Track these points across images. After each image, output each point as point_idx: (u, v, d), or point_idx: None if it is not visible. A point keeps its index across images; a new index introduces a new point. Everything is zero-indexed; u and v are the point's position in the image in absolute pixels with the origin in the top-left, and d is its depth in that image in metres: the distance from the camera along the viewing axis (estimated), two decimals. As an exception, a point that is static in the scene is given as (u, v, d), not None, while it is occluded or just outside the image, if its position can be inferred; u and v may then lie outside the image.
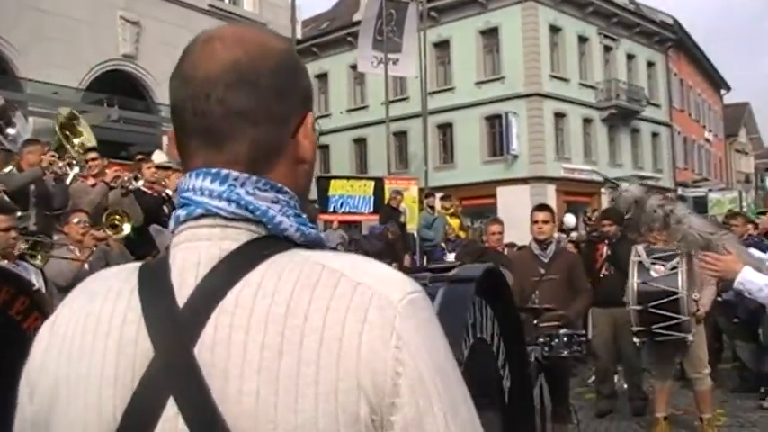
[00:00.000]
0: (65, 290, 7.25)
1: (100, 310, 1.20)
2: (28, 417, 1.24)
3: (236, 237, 1.19)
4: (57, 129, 11.80)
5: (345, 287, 1.11)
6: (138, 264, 1.29)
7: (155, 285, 1.19)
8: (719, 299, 10.26)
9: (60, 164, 9.64)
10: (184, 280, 1.17)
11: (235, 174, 1.20)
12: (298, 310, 1.09)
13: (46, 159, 9.03)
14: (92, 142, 11.19)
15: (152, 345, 1.13)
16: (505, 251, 11.59)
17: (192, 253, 1.19)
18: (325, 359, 1.06)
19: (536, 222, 8.01)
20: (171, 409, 1.09)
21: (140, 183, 10.23)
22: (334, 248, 13.02)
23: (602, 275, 9.49)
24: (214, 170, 1.21)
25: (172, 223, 1.26)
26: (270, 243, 1.19)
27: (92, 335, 1.19)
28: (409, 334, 1.10)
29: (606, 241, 9.71)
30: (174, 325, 1.13)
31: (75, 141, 11.55)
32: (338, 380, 1.06)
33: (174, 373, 1.11)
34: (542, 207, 8.41)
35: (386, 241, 14.80)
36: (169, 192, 10.57)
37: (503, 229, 10.04)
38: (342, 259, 1.17)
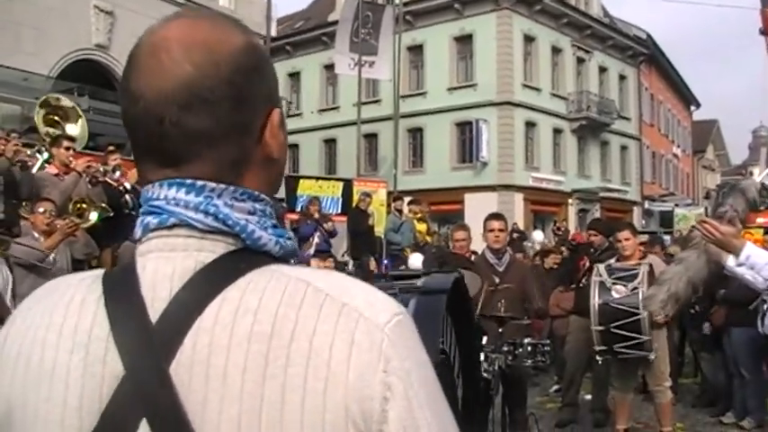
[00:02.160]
0: (31, 270, 7.22)
1: (62, 324, 1.11)
2: None
3: (213, 248, 1.12)
4: (39, 121, 11.44)
5: (331, 309, 1.06)
6: (101, 271, 1.19)
7: (123, 298, 1.10)
8: (691, 311, 10.37)
9: (28, 152, 9.54)
10: (157, 293, 1.09)
11: (211, 185, 1.13)
12: (283, 331, 1.03)
13: (10, 149, 8.92)
14: (83, 132, 10.98)
15: (123, 364, 1.05)
16: (472, 258, 11.59)
17: (165, 264, 1.11)
18: (312, 385, 1.01)
19: (492, 231, 7.95)
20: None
21: (117, 174, 10.16)
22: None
23: (581, 285, 9.52)
24: (189, 181, 1.13)
25: (139, 231, 1.16)
26: (246, 256, 1.12)
27: (53, 352, 1.09)
28: (397, 359, 1.05)
29: (592, 251, 9.76)
30: (148, 342, 1.05)
31: (69, 128, 11.24)
32: (325, 409, 1.01)
33: (146, 393, 1.03)
34: (496, 216, 8.34)
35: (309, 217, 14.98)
36: (128, 185, 10.45)
37: (469, 236, 9.92)
38: (326, 278, 1.11)
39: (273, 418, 1.00)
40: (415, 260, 12.93)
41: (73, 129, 11.24)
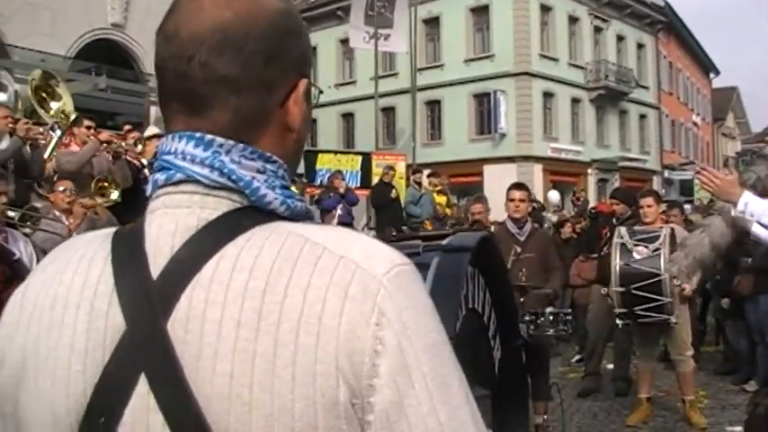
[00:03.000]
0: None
1: (71, 280, 1.14)
2: None
3: (216, 206, 1.12)
4: (30, 92, 11.49)
5: (328, 261, 1.05)
6: (113, 230, 1.22)
7: (128, 254, 1.12)
8: (717, 278, 10.33)
9: (40, 129, 9.55)
10: (159, 249, 1.10)
11: (220, 140, 1.13)
12: (277, 287, 1.03)
13: (21, 127, 8.94)
14: (69, 107, 11.00)
15: (123, 318, 1.07)
16: (492, 229, 11.56)
17: (169, 220, 1.12)
18: (304, 340, 1.00)
19: (512, 200, 7.90)
20: (143, 387, 1.04)
21: (139, 147, 10.26)
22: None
23: (603, 254, 9.48)
24: (198, 134, 1.13)
25: (149, 187, 1.18)
26: (251, 214, 1.12)
27: (62, 306, 1.12)
28: (393, 310, 1.03)
29: (614, 221, 9.73)
30: (147, 298, 1.07)
31: (53, 106, 11.27)
32: (316, 362, 1.00)
33: (145, 348, 1.05)
34: (519, 185, 8.30)
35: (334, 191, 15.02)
36: (144, 161, 10.50)
37: (486, 208, 9.86)
38: (326, 232, 1.11)
39: (265, 373, 1.00)
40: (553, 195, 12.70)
41: (56, 106, 11.29)
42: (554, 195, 21.28)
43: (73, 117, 9.85)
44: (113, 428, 1.05)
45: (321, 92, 1.46)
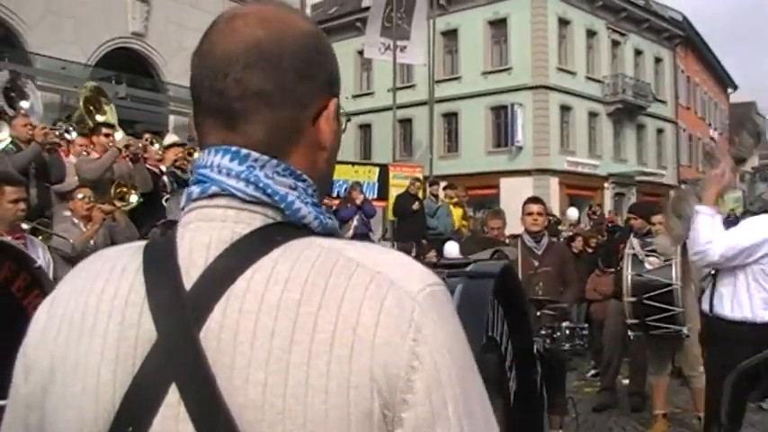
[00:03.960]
0: (70, 261, 7.30)
1: (102, 290, 1.15)
2: (22, 397, 1.19)
3: (250, 221, 1.14)
4: (80, 102, 11.71)
5: (362, 276, 1.06)
6: (143, 242, 1.23)
7: (161, 266, 1.14)
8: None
9: (57, 132, 9.67)
10: (193, 261, 1.12)
11: (255, 155, 1.16)
12: (312, 299, 1.04)
13: (39, 133, 9.05)
14: (114, 122, 11.20)
15: (155, 328, 1.08)
16: (508, 242, 11.55)
17: (203, 234, 1.14)
18: (338, 351, 1.02)
19: (530, 214, 7.88)
20: (173, 396, 1.05)
21: (156, 146, 10.40)
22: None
23: (620, 268, 9.47)
24: (234, 148, 1.16)
25: (183, 199, 1.20)
26: (284, 229, 1.14)
27: (93, 315, 1.14)
28: (429, 328, 1.04)
29: (632, 235, 9.73)
30: (180, 308, 1.08)
31: (99, 118, 11.46)
32: (350, 373, 1.01)
33: (177, 358, 1.06)
34: (535, 199, 8.30)
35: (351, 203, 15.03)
36: (163, 167, 10.57)
37: (503, 224, 9.84)
38: (359, 248, 1.12)
39: (299, 383, 1.01)
40: (451, 248, 12.81)
41: (108, 119, 11.47)
42: (573, 213, 21.25)
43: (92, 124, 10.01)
44: None
45: (348, 119, 1.50)
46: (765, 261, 5.45)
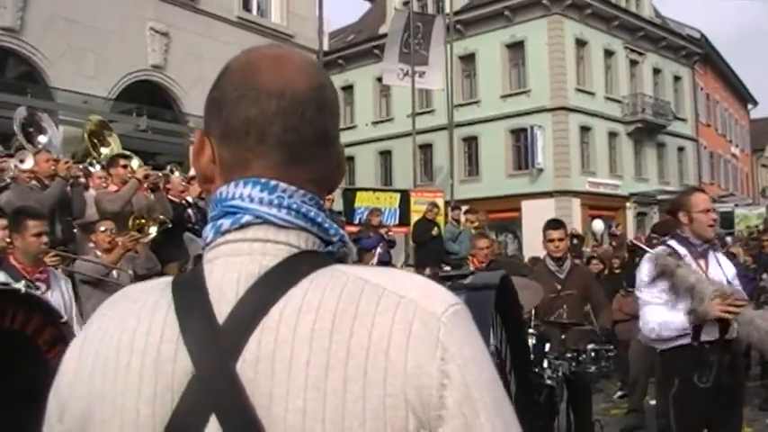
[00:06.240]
0: (96, 285, 7.34)
1: (135, 328, 1.17)
2: None
3: (276, 253, 1.17)
4: (85, 135, 11.82)
5: (389, 302, 1.10)
6: (170, 278, 1.26)
7: (192, 301, 1.16)
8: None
9: (80, 167, 9.73)
10: (224, 295, 1.14)
11: (283, 185, 1.20)
12: (343, 326, 1.08)
13: (63, 168, 9.09)
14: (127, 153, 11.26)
15: (192, 362, 1.11)
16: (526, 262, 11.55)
17: (231, 269, 1.17)
18: (372, 375, 1.06)
19: (552, 241, 7.85)
20: (212, 427, 1.08)
21: (176, 174, 10.42)
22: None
23: None
24: (263, 180, 1.20)
25: (211, 233, 1.22)
26: (308, 259, 1.18)
27: (127, 353, 1.15)
28: (455, 346, 1.09)
29: None
30: (215, 342, 1.11)
31: (103, 151, 11.55)
32: (385, 396, 1.05)
33: (215, 389, 1.09)
34: (556, 225, 8.17)
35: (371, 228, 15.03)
36: (190, 199, 10.60)
37: (491, 243, 9.86)
38: (382, 274, 1.16)
39: (336, 408, 1.05)
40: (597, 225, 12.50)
41: (105, 151, 11.57)
42: (598, 225, 21.18)
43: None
44: None
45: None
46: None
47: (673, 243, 5.64)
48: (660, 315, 5.33)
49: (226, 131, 1.24)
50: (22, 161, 9.31)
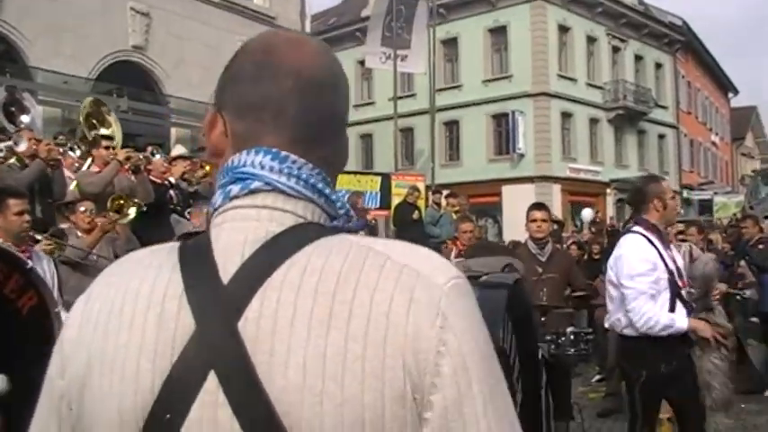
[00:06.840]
0: (75, 267, 7.32)
1: (139, 286, 1.19)
2: (57, 391, 1.22)
3: (282, 220, 1.19)
4: (81, 119, 11.65)
5: (392, 268, 1.12)
6: (176, 243, 1.27)
7: (198, 262, 1.18)
8: (738, 298, 10.30)
9: (60, 150, 9.66)
10: (229, 257, 1.16)
11: (293, 157, 1.22)
12: (346, 288, 1.10)
13: (44, 149, 9.02)
14: (118, 135, 11.14)
15: (194, 319, 1.12)
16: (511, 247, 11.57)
17: (238, 233, 1.18)
18: (373, 336, 1.07)
19: (534, 221, 7.84)
20: (211, 382, 1.09)
21: (157, 156, 10.35)
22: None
23: None
24: (274, 149, 1.22)
25: (219, 199, 1.24)
26: (315, 228, 1.20)
27: (130, 310, 1.17)
28: (455, 316, 1.11)
29: None
30: (218, 300, 1.13)
31: (103, 131, 11.38)
32: (385, 356, 1.07)
33: (215, 346, 1.10)
34: (539, 206, 8.22)
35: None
36: (172, 179, 10.53)
37: (474, 227, 9.88)
38: (387, 244, 1.19)
39: (337, 366, 1.06)
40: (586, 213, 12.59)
41: (114, 132, 11.43)
42: (587, 214, 21.24)
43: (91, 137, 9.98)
44: (178, 426, 1.09)
45: None
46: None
47: (640, 229, 5.67)
48: (666, 316, 5.44)
49: (241, 106, 1.26)
50: (16, 143, 9.24)
